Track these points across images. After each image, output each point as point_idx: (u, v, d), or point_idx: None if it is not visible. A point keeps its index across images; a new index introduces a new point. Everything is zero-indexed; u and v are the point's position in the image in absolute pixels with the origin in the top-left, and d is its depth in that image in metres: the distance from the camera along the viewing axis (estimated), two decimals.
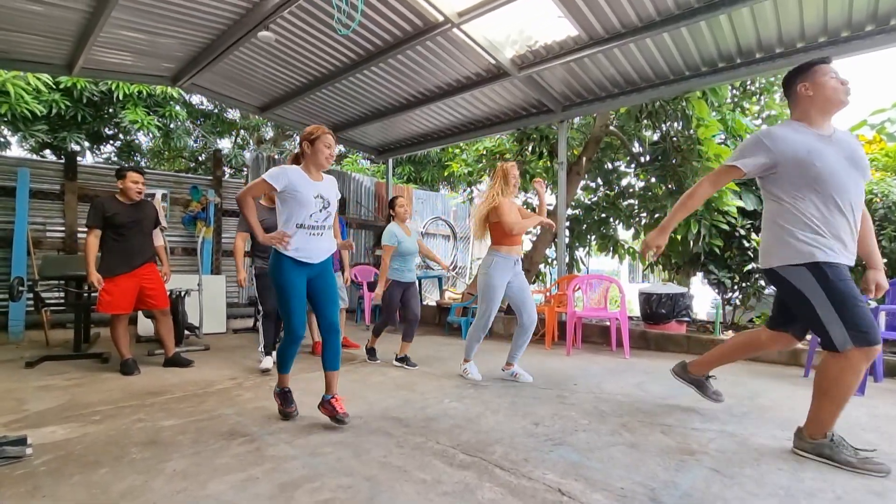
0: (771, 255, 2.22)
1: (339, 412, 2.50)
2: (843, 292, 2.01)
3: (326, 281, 2.65)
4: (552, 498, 1.75)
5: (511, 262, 3.50)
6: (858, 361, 1.99)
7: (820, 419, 2.12)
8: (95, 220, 3.59)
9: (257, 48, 5.04)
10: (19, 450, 2.10)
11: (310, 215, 2.50)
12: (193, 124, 10.64)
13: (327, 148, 2.55)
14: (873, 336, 1.98)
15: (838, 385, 2.04)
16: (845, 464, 2.01)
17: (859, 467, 1.98)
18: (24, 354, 4.41)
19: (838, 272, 2.05)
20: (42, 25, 4.46)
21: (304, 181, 2.49)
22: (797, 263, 2.10)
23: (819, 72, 2.17)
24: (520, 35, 4.58)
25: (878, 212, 4.47)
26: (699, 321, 5.74)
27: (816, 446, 2.12)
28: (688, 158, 5.44)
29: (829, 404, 2.09)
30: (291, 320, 2.54)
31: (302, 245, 2.51)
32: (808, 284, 2.08)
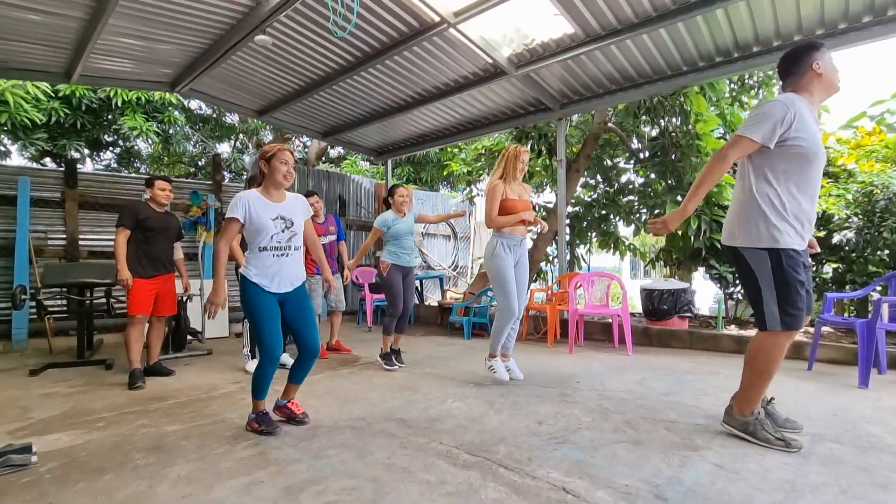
0: (736, 235, 2.27)
1: (297, 413, 2.60)
2: (790, 281, 2.14)
3: (301, 303, 2.57)
4: (556, 496, 1.75)
5: (515, 242, 3.43)
6: (784, 339, 2.21)
7: (748, 395, 2.28)
8: (128, 221, 3.66)
9: (254, 52, 5.04)
10: (24, 458, 2.10)
11: (271, 237, 2.44)
12: (192, 129, 10.66)
13: (283, 165, 2.47)
14: (798, 324, 2.18)
15: (766, 361, 2.23)
16: (764, 440, 2.19)
17: (775, 445, 2.16)
18: (28, 362, 4.42)
19: (793, 260, 2.15)
20: (40, 34, 4.47)
21: (260, 205, 2.44)
22: (760, 247, 2.18)
23: (828, 54, 2.22)
24: (516, 34, 4.57)
25: (878, 203, 4.46)
26: (701, 316, 5.73)
27: (743, 423, 2.28)
28: (687, 154, 5.43)
29: (756, 377, 2.26)
30: (265, 342, 2.43)
31: (269, 269, 2.45)
32: (763, 267, 2.19)
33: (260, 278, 2.44)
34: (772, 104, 2.13)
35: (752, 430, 2.24)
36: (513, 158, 3.44)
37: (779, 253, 2.15)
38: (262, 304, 2.44)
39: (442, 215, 4.52)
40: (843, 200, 4.70)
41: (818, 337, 3.74)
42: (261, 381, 2.49)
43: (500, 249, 3.39)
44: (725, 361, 3.94)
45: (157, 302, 3.81)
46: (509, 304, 3.35)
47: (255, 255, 2.46)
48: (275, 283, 2.47)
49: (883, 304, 3.36)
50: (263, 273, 2.45)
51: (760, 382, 2.26)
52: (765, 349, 2.23)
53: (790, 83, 2.26)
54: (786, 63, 2.28)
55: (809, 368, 3.71)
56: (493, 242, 3.45)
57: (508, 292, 3.35)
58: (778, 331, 2.18)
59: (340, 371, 3.98)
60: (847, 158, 5.14)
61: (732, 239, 2.29)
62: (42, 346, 5.21)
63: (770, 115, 2.09)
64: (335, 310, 4.80)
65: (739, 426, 2.29)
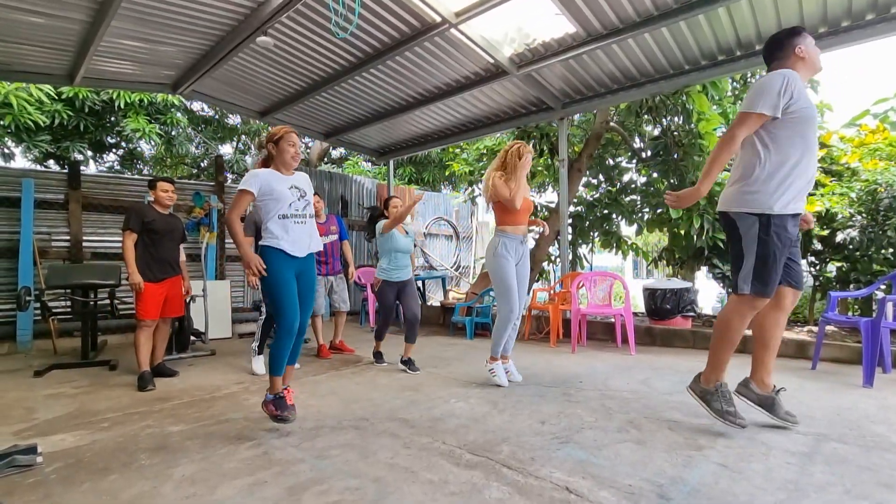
0: (731, 201, 2.35)
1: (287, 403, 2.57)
2: (770, 247, 2.22)
3: (307, 282, 2.69)
4: (560, 496, 1.75)
5: (517, 241, 3.38)
6: (746, 307, 2.29)
7: (713, 364, 2.40)
8: (134, 224, 3.66)
9: (256, 53, 5.05)
10: (30, 458, 2.12)
11: (289, 204, 2.58)
12: (195, 131, 10.68)
13: (291, 146, 2.63)
14: (769, 291, 2.25)
15: (728, 325, 2.33)
16: (715, 412, 2.34)
17: (721, 418, 2.31)
18: (33, 363, 4.45)
19: (781, 228, 2.23)
20: (43, 36, 4.49)
21: (275, 177, 2.59)
22: (752, 212, 2.26)
23: (809, 38, 2.36)
24: (518, 33, 4.57)
25: (882, 201, 4.44)
26: (705, 315, 5.72)
27: (702, 391, 2.42)
28: (689, 153, 5.43)
29: (719, 346, 2.36)
30: (285, 313, 2.52)
31: (289, 234, 2.57)
32: (750, 231, 2.27)
33: (284, 243, 2.55)
34: (768, 77, 2.26)
35: (708, 398, 2.37)
36: (514, 154, 3.35)
37: (769, 218, 2.23)
38: (283, 276, 2.55)
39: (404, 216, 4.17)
40: (847, 199, 4.68)
41: (822, 336, 3.73)
42: (279, 354, 2.57)
43: (501, 248, 3.34)
44: (731, 362, 3.92)
45: (165, 304, 3.82)
46: (510, 305, 3.32)
47: (276, 224, 2.56)
48: (297, 247, 2.59)
49: (887, 303, 3.35)
50: (287, 238, 2.56)
51: (722, 349, 2.36)
52: (729, 317, 2.34)
53: (775, 66, 2.38)
54: (770, 49, 2.42)
55: (813, 367, 3.69)
56: (495, 241, 3.41)
57: (509, 293, 3.32)
58: (746, 294, 2.26)
59: (343, 371, 3.99)
60: (850, 157, 5.12)
61: (726, 204, 2.38)
62: (46, 347, 5.24)
63: (771, 87, 2.21)
64: (339, 310, 4.81)
65: (699, 392, 2.44)
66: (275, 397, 2.54)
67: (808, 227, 2.60)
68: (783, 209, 2.22)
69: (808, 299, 5.49)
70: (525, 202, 3.43)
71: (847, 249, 4.68)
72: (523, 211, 3.41)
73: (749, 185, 2.28)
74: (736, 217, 2.32)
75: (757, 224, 2.24)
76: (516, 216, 3.38)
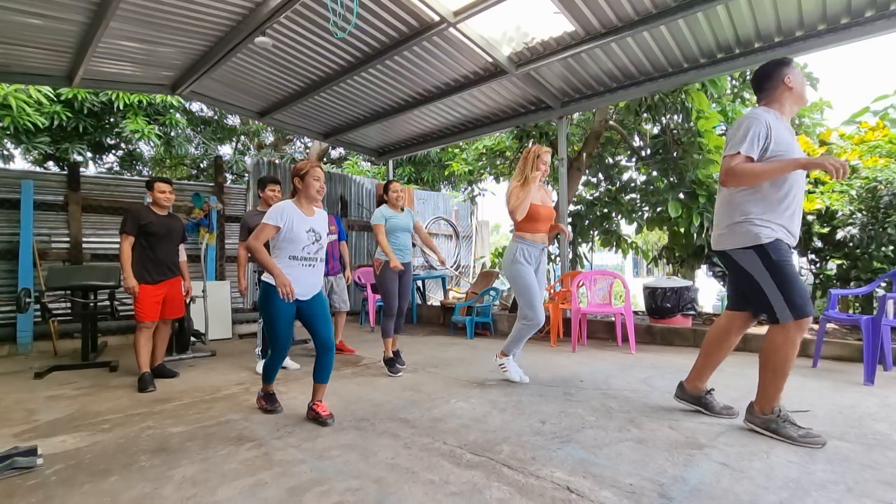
0: (722, 240, 2.40)
1: (322, 415, 2.65)
2: (784, 270, 2.22)
3: (318, 304, 2.77)
4: (561, 496, 1.74)
5: (537, 249, 3.31)
6: (795, 334, 2.22)
7: (767, 393, 2.30)
8: (131, 228, 3.64)
9: (255, 54, 5.05)
10: (30, 460, 2.11)
11: (302, 248, 2.65)
12: (194, 132, 10.68)
13: (317, 181, 2.69)
14: (809, 309, 2.21)
15: (778, 355, 2.25)
16: (788, 438, 2.21)
17: (800, 441, 2.17)
18: (33, 365, 4.45)
19: (780, 252, 2.24)
20: (41, 38, 4.48)
21: (298, 217, 2.65)
22: (746, 246, 2.29)
23: (797, 68, 2.39)
24: (516, 32, 4.57)
25: (882, 199, 4.43)
26: (705, 314, 5.72)
27: (765, 421, 2.31)
28: (688, 151, 5.43)
29: (772, 375, 2.28)
30: (278, 341, 2.71)
31: (295, 277, 2.62)
32: (754, 265, 2.27)
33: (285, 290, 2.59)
34: (745, 121, 2.28)
35: (776, 427, 2.26)
36: (533, 159, 3.28)
37: (763, 248, 2.25)
38: (281, 310, 2.64)
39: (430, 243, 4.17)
40: (847, 196, 4.68)
41: (823, 334, 3.73)
42: (271, 369, 2.84)
43: (520, 256, 3.29)
44: (729, 359, 3.90)
45: (164, 305, 3.81)
46: (534, 313, 3.26)
47: (284, 264, 2.63)
48: (299, 291, 2.64)
49: (888, 301, 3.35)
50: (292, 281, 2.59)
51: (777, 380, 2.28)
52: (776, 346, 2.26)
53: (763, 97, 2.42)
54: (758, 79, 2.45)
55: (815, 365, 3.69)
56: (513, 248, 3.33)
57: (533, 300, 3.26)
58: (790, 322, 2.21)
59: (344, 372, 3.99)
60: (850, 154, 5.11)
61: (720, 244, 2.42)
62: (47, 348, 5.23)
63: (749, 130, 2.24)
64: (338, 311, 4.81)
65: (762, 424, 2.32)
66: (265, 394, 2.90)
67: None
68: (772, 237, 2.25)
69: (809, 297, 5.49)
70: (546, 210, 3.36)
71: (847, 247, 4.67)
72: (544, 219, 3.33)
73: (738, 222, 2.31)
74: (733, 255, 2.35)
75: (756, 255, 2.27)
76: (536, 224, 3.30)
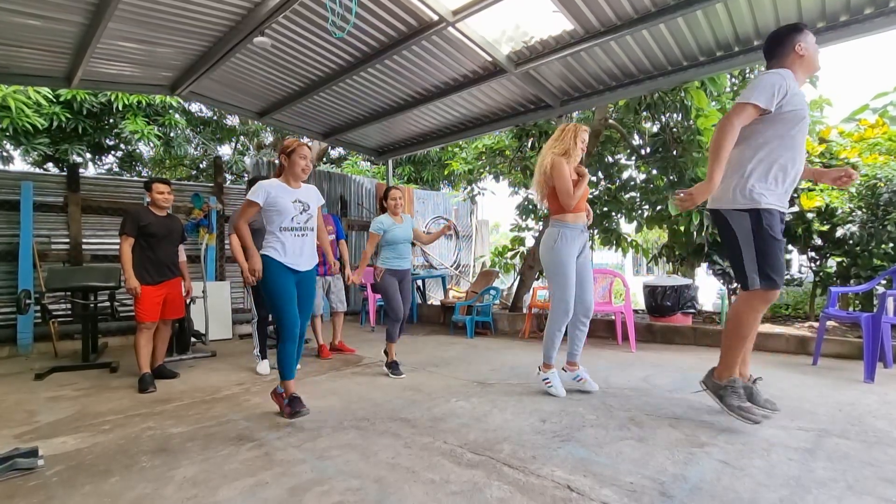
0: (719, 199, 2.39)
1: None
2: (768, 240, 2.26)
3: (307, 289, 2.82)
4: (561, 495, 1.74)
5: (578, 231, 3.06)
6: (759, 302, 2.31)
7: (725, 360, 2.40)
8: (130, 229, 3.65)
9: (254, 54, 5.04)
10: (31, 461, 2.11)
11: (291, 218, 2.72)
12: (193, 132, 10.67)
13: (302, 159, 2.76)
14: (778, 283, 2.28)
15: (739, 320, 2.34)
16: (728, 407, 2.33)
17: (737, 412, 2.29)
18: (34, 366, 4.45)
19: (772, 220, 2.27)
20: (40, 39, 4.48)
21: (281, 190, 2.72)
22: (741, 208, 2.30)
23: (810, 36, 2.38)
24: (515, 31, 4.56)
25: (882, 196, 4.43)
26: (705, 312, 5.72)
27: (716, 386, 2.42)
28: (688, 149, 5.42)
29: (732, 342, 2.37)
30: (286, 319, 2.66)
31: (289, 247, 2.69)
32: (743, 228, 2.30)
33: (283, 256, 2.67)
34: (767, 76, 2.29)
35: (722, 394, 2.37)
36: (573, 135, 3.09)
37: (759, 213, 2.27)
38: (283, 285, 2.66)
39: (433, 235, 4.24)
40: (847, 194, 4.67)
41: (823, 331, 3.73)
42: (286, 360, 2.71)
43: (561, 242, 3.01)
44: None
45: (165, 306, 3.81)
46: (566, 300, 3.01)
47: (277, 236, 2.69)
48: (296, 260, 2.72)
49: (888, 298, 3.35)
50: (286, 251, 2.68)
51: (735, 345, 2.37)
52: (740, 312, 2.35)
53: (774, 64, 2.41)
54: (770, 45, 2.43)
55: (815, 363, 3.69)
56: (553, 233, 3.06)
57: (567, 286, 3.00)
58: (757, 289, 2.28)
59: (344, 371, 3.99)
60: (850, 152, 5.11)
61: (716, 202, 2.42)
62: (47, 349, 5.24)
63: (769, 83, 2.25)
64: (336, 311, 4.81)
65: (713, 388, 2.45)
66: (289, 400, 2.71)
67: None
68: (770, 205, 2.28)
69: (809, 295, 5.49)
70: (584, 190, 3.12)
71: (847, 244, 4.67)
72: (583, 198, 3.11)
73: (739, 183, 2.32)
74: (727, 214, 2.37)
75: (748, 219, 2.29)
76: (578, 204, 3.07)
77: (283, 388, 2.76)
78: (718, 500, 1.68)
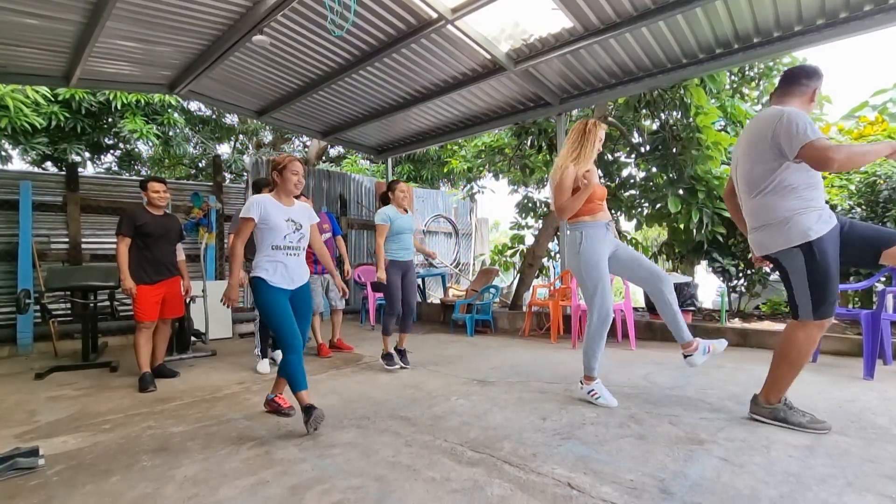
0: (768, 245, 2.33)
1: (283, 407, 2.76)
2: (823, 271, 2.19)
3: (302, 299, 2.79)
4: (561, 492, 1.75)
5: (602, 228, 2.84)
6: (815, 331, 2.26)
7: (778, 385, 2.35)
8: (127, 229, 3.64)
9: (252, 52, 5.03)
10: (31, 461, 2.12)
11: (283, 237, 2.67)
12: (192, 131, 10.65)
13: (294, 175, 2.71)
14: (831, 311, 2.24)
15: (796, 350, 2.29)
16: (797, 424, 2.28)
17: (808, 427, 2.25)
18: (34, 366, 4.45)
19: (824, 248, 2.19)
20: (38, 38, 4.47)
21: (274, 207, 2.68)
22: (793, 246, 2.23)
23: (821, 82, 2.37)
24: (514, 29, 4.56)
25: (882, 193, 4.43)
26: (705, 310, 5.72)
27: (773, 411, 2.37)
28: (687, 147, 5.41)
29: (787, 369, 2.32)
30: (285, 337, 2.60)
31: (280, 268, 2.65)
32: (796, 264, 2.25)
33: (273, 276, 2.63)
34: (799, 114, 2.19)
35: (784, 416, 2.33)
36: (583, 134, 2.89)
37: (810, 245, 2.19)
38: (276, 301, 2.62)
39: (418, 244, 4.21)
40: (847, 191, 4.67)
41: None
42: (291, 372, 2.58)
43: (586, 243, 2.80)
44: (729, 355, 3.93)
45: (164, 305, 3.81)
46: (603, 305, 2.77)
47: (267, 255, 2.65)
48: (287, 280, 2.67)
49: (887, 295, 3.35)
50: (277, 270, 2.64)
51: (791, 373, 2.32)
52: (796, 340, 2.29)
53: (788, 96, 2.36)
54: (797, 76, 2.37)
55: (814, 360, 3.70)
56: (575, 236, 2.85)
57: (605, 293, 2.77)
58: (810, 320, 2.24)
59: (344, 370, 3.99)
60: None
61: (766, 249, 2.35)
62: (47, 349, 5.24)
63: (808, 120, 2.16)
64: (336, 308, 4.82)
65: (769, 414, 2.37)
66: (305, 408, 2.49)
67: None
68: (821, 231, 2.18)
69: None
70: (600, 189, 2.88)
71: None
72: (599, 197, 2.88)
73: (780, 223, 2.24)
74: (778, 256, 2.29)
75: (801, 255, 2.21)
76: (591, 205, 2.84)
77: (298, 399, 2.55)
78: (718, 496, 1.68)
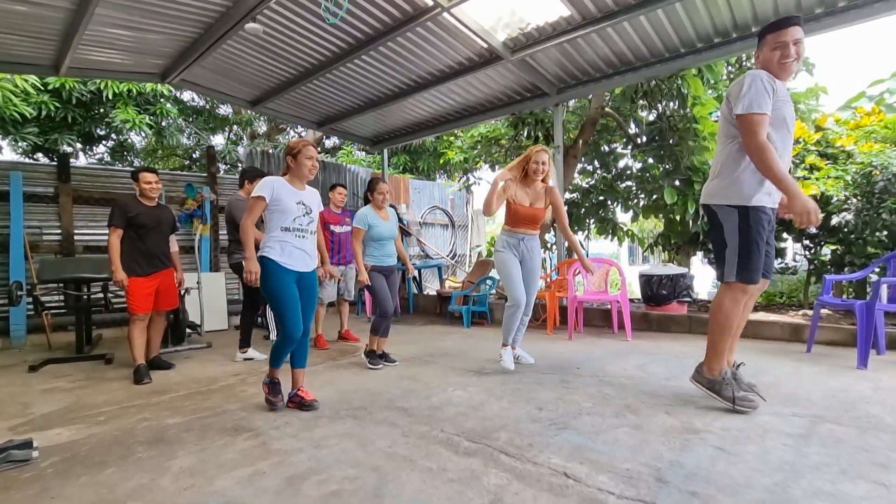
0: (713, 195, 2.45)
1: (307, 400, 2.72)
2: (751, 237, 2.32)
3: (308, 289, 2.79)
4: (558, 481, 1.75)
5: (515, 239, 3.54)
6: (739, 293, 2.39)
7: (714, 352, 2.45)
8: (119, 220, 3.59)
9: (245, 41, 4.96)
10: (25, 453, 2.10)
11: (293, 219, 2.68)
12: (185, 121, 10.52)
13: (309, 160, 2.71)
14: (755, 278, 2.36)
15: (723, 315, 2.40)
16: (727, 400, 2.38)
17: (737, 403, 2.35)
18: (27, 358, 4.42)
19: (759, 219, 2.32)
20: (26, 25, 4.38)
21: (286, 190, 2.69)
22: (732, 204, 2.36)
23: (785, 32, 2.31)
24: (511, 17, 4.50)
25: (877, 184, 4.44)
26: (700, 301, 5.75)
27: (711, 381, 2.46)
28: (684, 137, 5.40)
29: (718, 334, 2.42)
30: (287, 321, 2.62)
31: (288, 248, 2.65)
32: (731, 223, 2.36)
33: (283, 256, 2.63)
34: (756, 81, 2.24)
35: (718, 388, 2.42)
36: (526, 157, 3.49)
37: (748, 210, 2.32)
38: (284, 285, 2.62)
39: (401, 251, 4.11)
40: (842, 182, 4.68)
41: (817, 319, 3.75)
42: (278, 354, 2.72)
43: (499, 244, 3.59)
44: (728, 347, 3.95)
45: (158, 297, 3.78)
46: (513, 296, 3.45)
47: (277, 236, 2.65)
48: (296, 261, 2.67)
49: (882, 285, 3.37)
50: (287, 251, 2.64)
51: (722, 338, 2.43)
52: (723, 304, 2.41)
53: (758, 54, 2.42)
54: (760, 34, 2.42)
55: (809, 350, 3.72)
56: (499, 238, 3.64)
57: (511, 285, 3.47)
58: (733, 282, 2.37)
59: (340, 361, 3.99)
60: (846, 139, 5.10)
61: (710, 198, 2.47)
62: (41, 341, 5.20)
63: (763, 89, 2.23)
64: (343, 300, 4.82)
65: (706, 384, 2.48)
66: (270, 380, 2.77)
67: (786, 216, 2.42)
68: (760, 202, 2.33)
69: (804, 283, 5.52)
70: (527, 211, 3.49)
71: (842, 232, 4.68)
72: (523, 219, 3.49)
73: (729, 179, 2.37)
74: (717, 209, 2.43)
75: (736, 215, 2.35)
76: (512, 220, 3.52)
77: (270, 373, 2.77)
78: (714, 485, 1.69)
